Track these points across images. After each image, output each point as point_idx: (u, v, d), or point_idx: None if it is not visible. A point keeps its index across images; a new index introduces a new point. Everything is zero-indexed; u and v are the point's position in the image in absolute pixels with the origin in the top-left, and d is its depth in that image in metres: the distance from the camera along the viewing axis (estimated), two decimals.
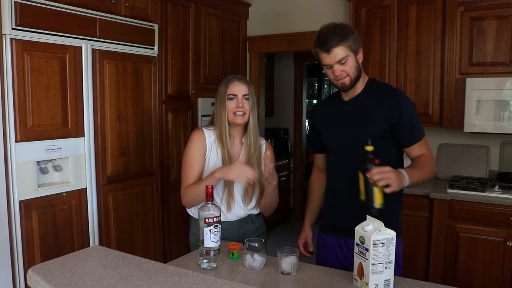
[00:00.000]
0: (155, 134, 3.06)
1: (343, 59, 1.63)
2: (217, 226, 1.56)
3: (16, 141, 2.19)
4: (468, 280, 2.71)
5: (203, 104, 3.52)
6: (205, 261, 1.57)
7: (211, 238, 1.55)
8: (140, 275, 1.30)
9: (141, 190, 2.97)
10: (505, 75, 2.80)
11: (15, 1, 2.13)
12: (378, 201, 1.47)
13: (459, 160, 3.26)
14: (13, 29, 2.14)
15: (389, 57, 3.19)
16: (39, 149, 2.30)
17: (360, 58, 1.70)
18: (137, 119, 2.90)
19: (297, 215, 5.45)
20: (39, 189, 2.31)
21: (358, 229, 1.39)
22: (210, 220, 1.54)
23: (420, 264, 2.89)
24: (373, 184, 1.45)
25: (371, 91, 1.76)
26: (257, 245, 1.57)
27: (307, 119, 5.78)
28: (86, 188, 2.57)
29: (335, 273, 1.54)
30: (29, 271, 1.37)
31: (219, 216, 1.57)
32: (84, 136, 2.54)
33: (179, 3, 3.27)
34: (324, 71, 1.81)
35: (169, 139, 3.25)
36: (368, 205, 1.48)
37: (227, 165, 1.82)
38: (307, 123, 5.81)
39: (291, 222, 5.43)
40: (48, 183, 2.39)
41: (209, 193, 1.56)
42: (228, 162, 1.86)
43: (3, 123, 2.17)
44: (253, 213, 1.96)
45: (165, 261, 3.06)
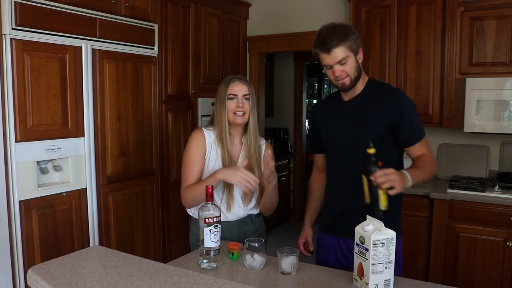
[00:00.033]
0: (155, 134, 3.06)
1: (343, 59, 1.63)
2: (217, 226, 1.56)
3: (16, 141, 2.19)
4: (468, 280, 2.71)
5: (203, 104, 3.52)
6: (205, 261, 1.57)
7: (211, 238, 1.55)
8: (140, 275, 1.30)
9: (141, 190, 2.97)
10: (505, 75, 2.80)
11: (15, 1, 2.13)
12: (383, 203, 1.47)
13: (459, 160, 3.26)
14: (13, 29, 2.14)
15: (389, 57, 3.20)
16: (39, 149, 2.30)
17: (360, 58, 1.70)
18: (137, 119, 2.90)
19: (297, 215, 5.45)
20: (39, 189, 2.32)
21: (358, 229, 1.39)
22: (210, 220, 1.54)
23: (420, 264, 2.89)
24: (377, 186, 1.45)
25: (371, 91, 1.76)
26: (257, 245, 1.57)
27: (307, 119, 5.78)
28: (86, 188, 2.57)
29: (335, 273, 1.54)
30: (29, 271, 1.37)
31: (219, 216, 1.57)
32: (84, 136, 2.54)
33: (179, 3, 3.27)
34: (324, 71, 1.81)
35: (169, 139, 3.25)
36: (373, 208, 1.48)
37: (231, 167, 1.80)
38: (307, 123, 5.81)
39: (291, 222, 5.43)
40: (48, 183, 2.39)
41: (209, 193, 1.56)
42: (228, 162, 1.86)
43: (3, 123, 2.17)
44: (253, 213, 1.96)
45: (165, 261, 3.06)
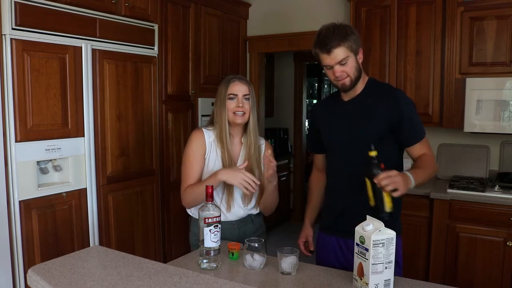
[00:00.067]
0: (155, 134, 3.06)
1: (344, 59, 1.63)
2: (217, 226, 1.56)
3: (16, 141, 2.19)
4: (468, 280, 2.71)
5: (203, 104, 3.52)
6: (205, 261, 1.57)
7: (211, 238, 1.55)
8: (140, 275, 1.30)
9: (141, 190, 2.97)
10: (505, 75, 2.80)
11: (15, 1, 2.13)
12: (388, 205, 1.47)
13: (459, 160, 3.26)
14: (13, 29, 2.14)
15: (389, 57, 3.19)
16: (39, 149, 2.30)
17: (360, 58, 1.70)
18: (137, 119, 2.90)
19: (297, 215, 5.45)
20: (39, 189, 2.32)
21: (358, 229, 1.39)
22: (210, 220, 1.54)
23: (420, 264, 2.89)
24: (381, 189, 1.45)
25: (371, 91, 1.76)
26: (257, 245, 1.57)
27: (307, 119, 5.78)
28: (86, 188, 2.57)
29: (335, 273, 1.54)
30: (29, 271, 1.37)
31: (219, 216, 1.57)
32: (84, 136, 2.54)
33: (179, 3, 3.27)
34: (324, 71, 1.81)
35: (169, 139, 3.25)
36: (378, 210, 1.48)
37: (232, 168, 1.80)
38: (307, 123, 5.81)
39: (291, 222, 5.43)
40: (48, 183, 2.39)
41: (209, 193, 1.56)
42: (228, 161, 1.86)
43: (3, 123, 2.17)
44: (252, 213, 1.96)
45: (165, 261, 3.06)
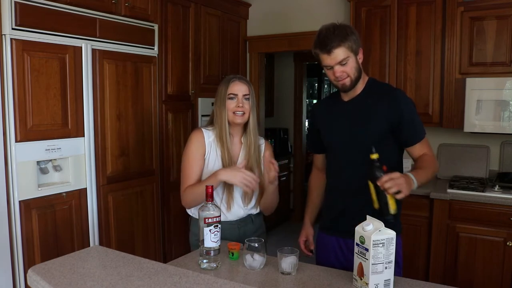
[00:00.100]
0: (155, 134, 3.06)
1: (344, 60, 1.63)
2: (217, 226, 1.56)
3: (16, 141, 2.19)
4: (468, 280, 2.71)
5: (203, 104, 3.52)
6: (205, 261, 1.57)
7: (211, 238, 1.55)
8: (140, 275, 1.30)
9: (141, 190, 2.97)
10: (505, 75, 2.80)
11: (15, 1, 2.13)
12: (392, 208, 1.47)
13: (459, 160, 3.26)
14: (13, 29, 2.14)
15: (389, 57, 3.19)
16: (39, 149, 2.30)
17: (360, 58, 1.70)
18: (137, 119, 2.90)
19: (297, 215, 5.44)
20: (39, 189, 2.32)
21: (358, 229, 1.39)
22: (210, 220, 1.54)
23: (420, 264, 2.89)
24: (384, 191, 1.45)
25: (371, 91, 1.76)
26: (257, 245, 1.57)
27: (307, 119, 5.78)
28: (86, 188, 2.57)
29: (335, 273, 1.54)
30: (29, 271, 1.37)
31: (219, 216, 1.57)
32: (84, 136, 2.54)
33: (179, 3, 3.27)
34: (324, 71, 1.81)
35: (169, 139, 3.25)
36: (383, 213, 1.48)
37: (231, 168, 1.80)
38: (307, 123, 5.81)
39: (291, 222, 5.43)
40: (48, 183, 2.39)
41: (209, 193, 1.56)
42: (228, 161, 1.86)
43: (3, 123, 2.17)
44: (252, 212, 1.96)
45: (165, 261, 3.06)
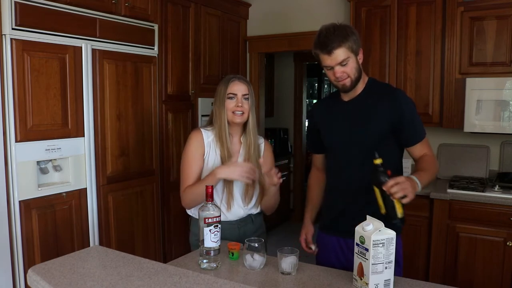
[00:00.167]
0: (155, 134, 3.06)
1: (344, 60, 1.63)
2: (217, 226, 1.56)
3: (16, 141, 2.19)
4: (468, 280, 2.71)
5: (203, 104, 3.52)
6: (205, 261, 1.57)
7: (211, 238, 1.55)
8: (140, 275, 1.30)
9: (141, 190, 2.97)
10: (505, 75, 2.80)
11: (15, 1, 2.13)
12: (399, 211, 1.47)
13: (459, 160, 3.26)
14: (13, 29, 2.14)
15: (389, 57, 3.19)
16: (39, 149, 2.30)
17: (360, 58, 1.70)
18: (137, 119, 2.90)
19: (297, 215, 5.44)
20: (39, 189, 2.32)
21: (358, 229, 1.39)
22: (210, 220, 1.54)
23: (420, 264, 2.89)
24: (391, 196, 1.44)
25: (371, 91, 1.75)
26: (257, 245, 1.57)
27: (307, 119, 5.78)
28: (86, 188, 2.57)
29: (335, 273, 1.54)
30: (29, 271, 1.37)
31: (219, 216, 1.57)
32: (84, 136, 2.54)
33: (179, 3, 3.27)
34: (324, 71, 1.81)
35: (169, 139, 3.25)
36: (390, 217, 1.47)
37: (227, 165, 1.81)
38: (307, 123, 5.81)
39: (291, 222, 5.43)
40: (48, 183, 2.39)
41: (209, 193, 1.56)
42: (227, 161, 1.86)
43: (3, 123, 2.17)
44: (253, 212, 1.96)
45: (165, 261, 3.06)
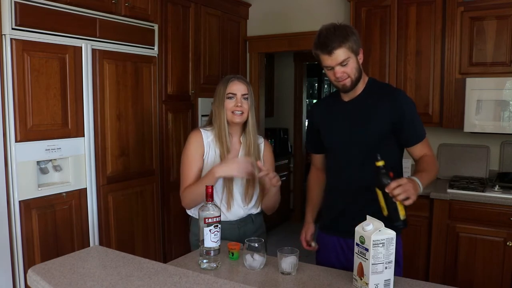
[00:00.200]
0: (155, 134, 3.06)
1: (345, 60, 1.63)
2: (217, 226, 1.56)
3: (16, 141, 2.19)
4: (468, 280, 2.71)
5: (203, 104, 3.52)
6: (205, 261, 1.57)
7: (211, 238, 1.55)
8: (140, 275, 1.30)
9: (141, 190, 2.97)
10: (505, 75, 2.80)
11: (15, 1, 2.13)
12: (401, 213, 1.47)
13: (459, 160, 3.26)
14: (13, 29, 2.14)
15: (389, 57, 3.19)
16: (39, 149, 2.30)
17: (360, 59, 1.70)
18: (137, 119, 2.90)
19: (297, 215, 5.45)
20: (39, 189, 2.31)
21: (358, 229, 1.39)
22: (210, 220, 1.54)
23: (420, 264, 2.89)
24: (393, 198, 1.44)
25: (371, 91, 1.76)
26: (257, 245, 1.57)
27: (307, 119, 5.77)
28: (86, 188, 2.57)
29: (335, 273, 1.54)
30: (29, 271, 1.37)
31: (219, 216, 1.57)
32: (84, 136, 2.54)
33: (179, 3, 3.27)
34: (324, 71, 1.81)
35: (169, 139, 3.25)
36: (393, 220, 1.47)
37: (224, 163, 1.78)
38: (306, 123, 5.81)
39: (291, 222, 5.43)
40: (48, 183, 2.39)
41: (209, 193, 1.56)
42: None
43: (3, 123, 2.17)
44: (253, 212, 1.96)
45: (165, 261, 3.06)
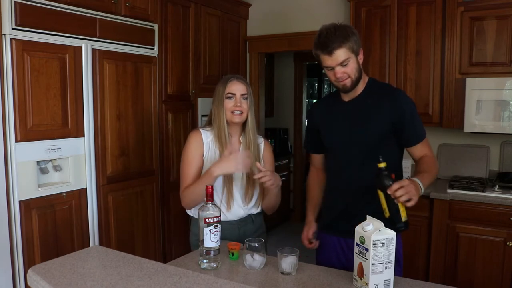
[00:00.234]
0: (155, 134, 3.06)
1: (345, 61, 1.63)
2: (217, 226, 1.56)
3: (16, 141, 2.19)
4: (468, 280, 2.71)
5: (203, 104, 3.52)
6: (205, 261, 1.57)
7: (211, 238, 1.55)
8: (140, 275, 1.30)
9: (141, 190, 2.97)
10: (505, 75, 2.80)
11: (15, 1, 2.13)
12: (403, 215, 1.47)
13: (459, 160, 3.26)
14: (13, 29, 2.14)
15: (389, 57, 3.19)
16: (39, 149, 2.30)
17: (360, 59, 1.70)
18: (137, 119, 2.90)
19: (297, 215, 5.45)
20: (39, 189, 2.31)
21: (358, 229, 1.39)
22: (210, 220, 1.54)
23: (420, 264, 2.89)
24: (395, 199, 1.44)
25: (371, 91, 1.76)
26: (257, 245, 1.57)
27: (306, 118, 5.77)
28: (86, 188, 2.57)
29: (335, 273, 1.54)
30: (29, 271, 1.37)
31: (219, 216, 1.57)
32: (84, 136, 2.54)
33: (179, 3, 3.27)
34: (324, 71, 1.81)
35: (169, 139, 3.25)
36: (395, 221, 1.47)
37: (220, 161, 1.76)
38: (306, 123, 5.80)
39: (291, 222, 5.43)
40: (48, 183, 2.39)
41: (209, 193, 1.56)
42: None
43: (3, 123, 2.17)
44: (253, 212, 1.96)
45: (165, 261, 3.06)
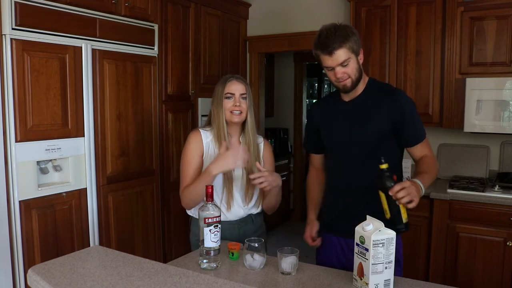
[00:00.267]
0: (155, 134, 3.06)
1: (345, 61, 1.63)
2: (217, 226, 1.56)
3: (16, 141, 2.19)
4: (468, 280, 2.71)
5: (203, 104, 3.52)
6: (205, 261, 1.57)
7: (211, 238, 1.55)
8: (140, 275, 1.30)
9: (141, 190, 2.97)
10: (505, 75, 2.80)
11: (15, 1, 2.13)
12: (404, 216, 1.47)
13: (459, 160, 3.26)
14: (13, 29, 2.14)
15: (389, 57, 3.19)
16: (39, 149, 2.30)
17: (361, 59, 1.70)
18: (137, 119, 2.90)
19: (297, 215, 5.45)
20: (39, 189, 2.31)
21: (358, 229, 1.39)
22: (210, 220, 1.54)
23: (420, 264, 2.89)
24: (396, 201, 1.44)
25: (371, 91, 1.76)
26: (257, 245, 1.57)
27: (306, 118, 5.77)
28: (86, 188, 2.57)
29: (335, 273, 1.54)
30: (29, 271, 1.37)
31: (219, 216, 1.57)
32: (84, 136, 2.54)
33: (179, 3, 3.27)
34: (324, 71, 1.81)
35: (169, 139, 3.25)
36: (395, 222, 1.47)
37: (217, 159, 1.75)
38: (306, 123, 5.80)
39: (291, 222, 5.43)
40: (48, 183, 2.39)
41: (209, 193, 1.56)
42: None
43: (3, 123, 2.17)
44: (253, 212, 1.96)
45: (165, 261, 3.06)
